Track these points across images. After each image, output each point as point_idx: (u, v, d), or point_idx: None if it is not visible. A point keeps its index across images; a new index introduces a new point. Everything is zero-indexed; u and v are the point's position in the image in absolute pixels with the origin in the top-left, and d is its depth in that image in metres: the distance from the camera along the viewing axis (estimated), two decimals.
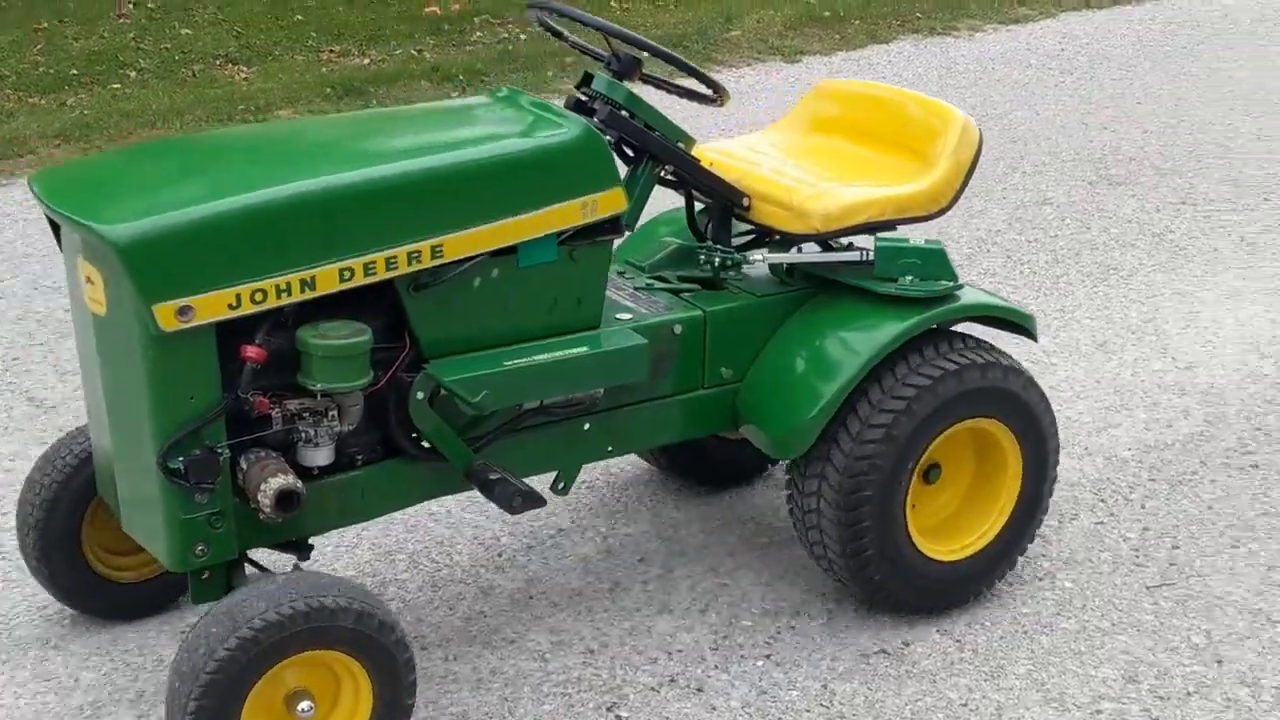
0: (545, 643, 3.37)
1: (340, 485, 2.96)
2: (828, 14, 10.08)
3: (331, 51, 9.16)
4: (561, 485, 3.24)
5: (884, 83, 4.01)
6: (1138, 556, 3.75)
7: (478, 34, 9.64)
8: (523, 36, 9.53)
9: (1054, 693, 3.24)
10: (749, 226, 3.55)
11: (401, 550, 3.73)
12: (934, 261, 3.37)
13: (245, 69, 8.78)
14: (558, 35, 3.43)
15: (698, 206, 3.56)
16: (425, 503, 3.72)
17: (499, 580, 3.61)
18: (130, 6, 10.15)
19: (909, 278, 3.35)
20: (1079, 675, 3.29)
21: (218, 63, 8.90)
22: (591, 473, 4.07)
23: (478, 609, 3.48)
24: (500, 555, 3.71)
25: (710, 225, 3.53)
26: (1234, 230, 6.17)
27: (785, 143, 3.71)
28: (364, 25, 9.78)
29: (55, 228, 2.92)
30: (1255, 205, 6.48)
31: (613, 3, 10.54)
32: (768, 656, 3.34)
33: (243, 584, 2.87)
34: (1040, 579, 3.65)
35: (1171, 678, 3.29)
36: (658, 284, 3.43)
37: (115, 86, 8.33)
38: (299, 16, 10.02)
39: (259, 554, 3.06)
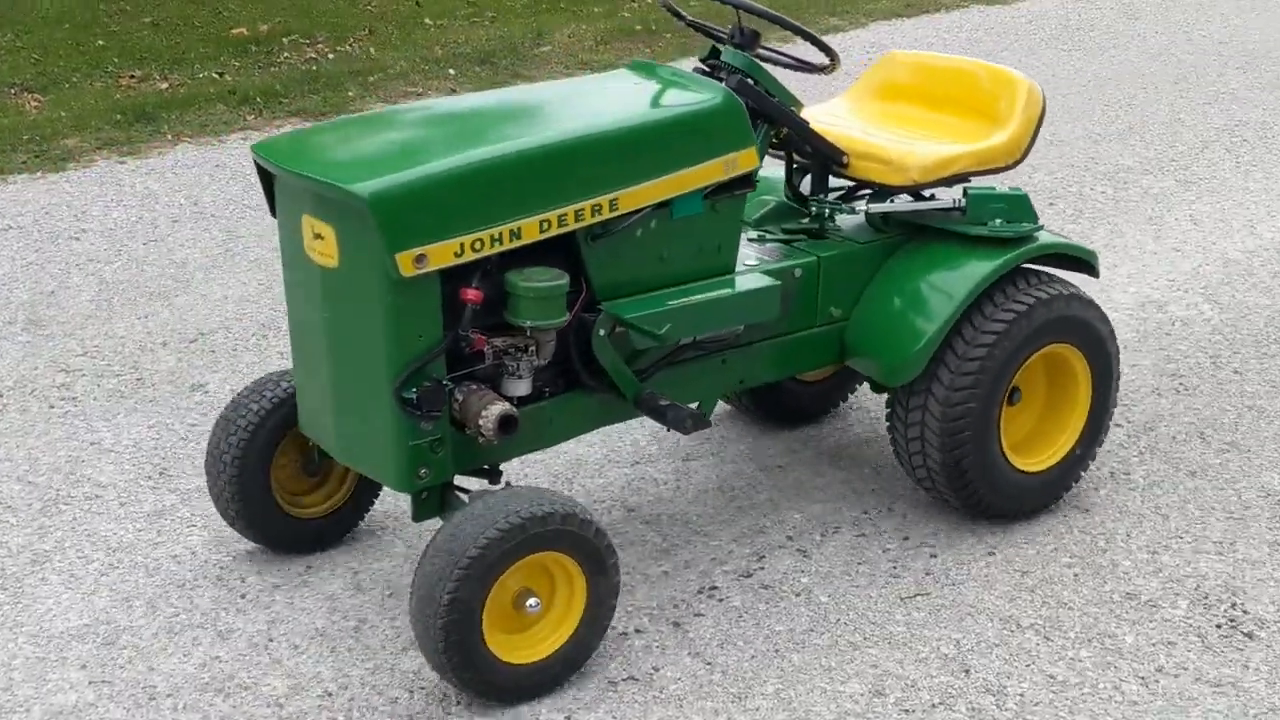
0: (282, 687, 3.27)
1: (533, 414, 3.34)
2: (639, 28, 10.10)
3: (131, 77, 8.93)
4: (703, 413, 3.59)
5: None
6: (895, 568, 3.76)
7: (285, 55, 9.47)
8: (330, 56, 9.39)
9: (800, 711, 3.22)
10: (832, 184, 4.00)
11: (139, 595, 3.60)
12: (1020, 206, 3.82)
13: (39, 97, 8.52)
14: (678, 15, 3.79)
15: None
16: (171, 546, 3.87)
17: (239, 623, 3.50)
18: None
19: (998, 221, 3.76)
20: (826, 692, 3.28)
21: (12, 91, 8.62)
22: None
23: (214, 654, 3.37)
24: (244, 597, 3.60)
25: (810, 182, 3.97)
26: None
27: (861, 109, 4.13)
28: (168, 49, 9.56)
29: (269, 192, 3.32)
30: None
31: (427, 20, 10.45)
32: None
33: (455, 505, 3.27)
34: (797, 594, 3.64)
35: (918, 689, 3.30)
36: (768, 235, 3.85)
37: None
38: (101, 42, 9.77)
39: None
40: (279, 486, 3.65)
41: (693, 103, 3.42)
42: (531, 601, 3.15)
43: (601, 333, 3.31)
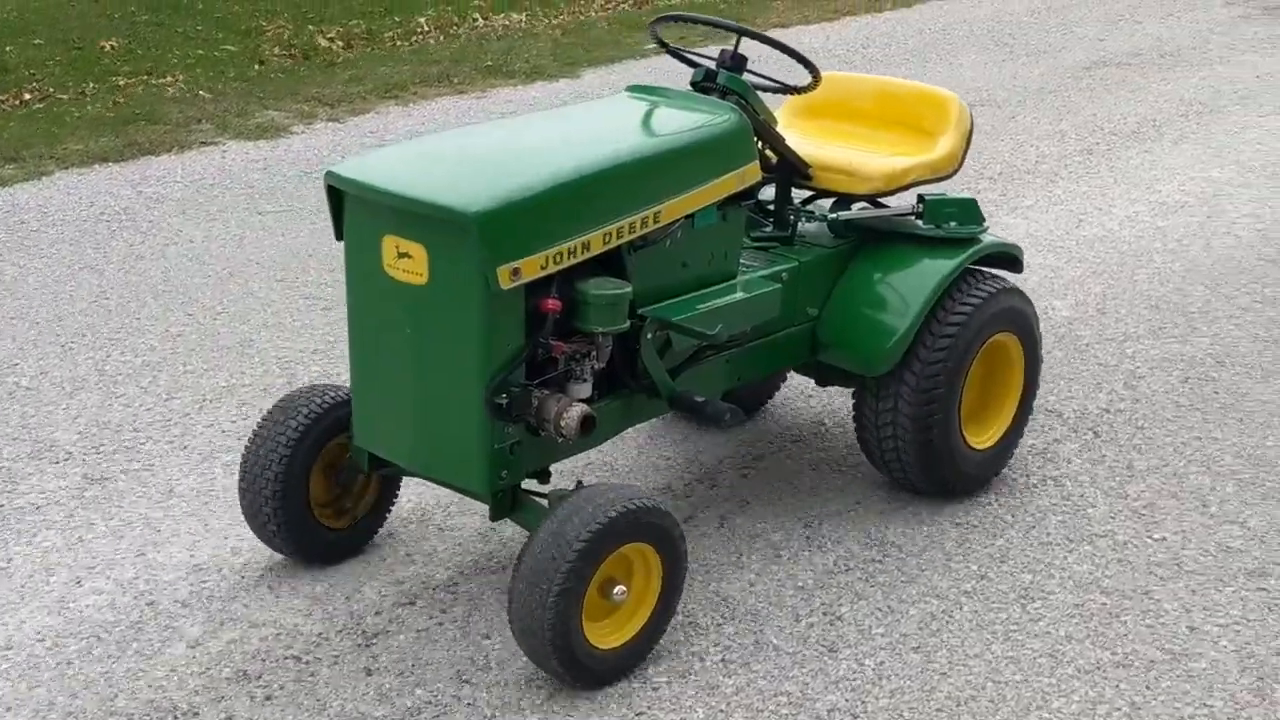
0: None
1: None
2: None
3: None
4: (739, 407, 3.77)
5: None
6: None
7: None
8: None
9: None
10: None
11: None
12: (970, 210, 4.20)
13: None
14: (663, 45, 4.05)
15: None
16: None
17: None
18: None
19: (952, 223, 4.14)
20: None
21: None
22: None
23: None
24: None
25: (775, 193, 4.23)
26: None
27: (796, 126, 4.40)
28: None
29: (336, 215, 3.44)
30: None
31: None
32: None
33: (527, 504, 3.50)
34: None
35: None
36: (746, 242, 4.04)
37: None
38: None
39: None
40: (312, 500, 3.77)
41: (714, 122, 3.69)
42: (618, 590, 3.34)
43: (649, 336, 3.52)
